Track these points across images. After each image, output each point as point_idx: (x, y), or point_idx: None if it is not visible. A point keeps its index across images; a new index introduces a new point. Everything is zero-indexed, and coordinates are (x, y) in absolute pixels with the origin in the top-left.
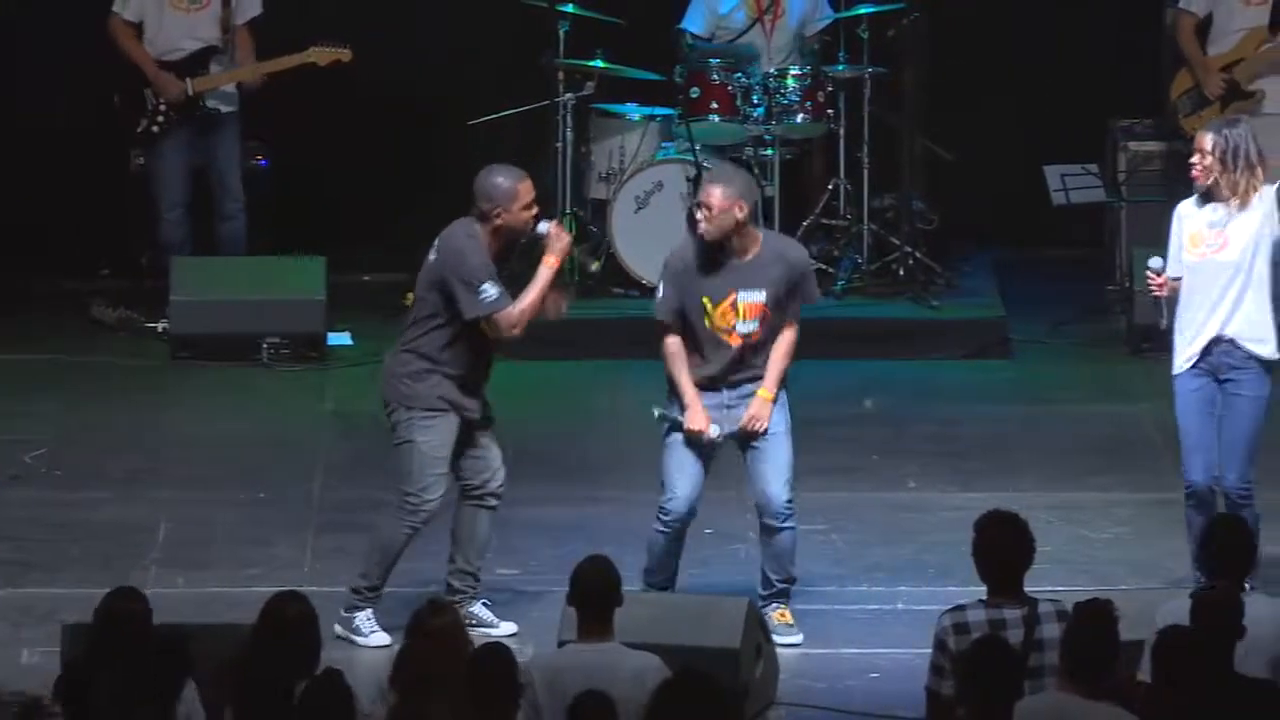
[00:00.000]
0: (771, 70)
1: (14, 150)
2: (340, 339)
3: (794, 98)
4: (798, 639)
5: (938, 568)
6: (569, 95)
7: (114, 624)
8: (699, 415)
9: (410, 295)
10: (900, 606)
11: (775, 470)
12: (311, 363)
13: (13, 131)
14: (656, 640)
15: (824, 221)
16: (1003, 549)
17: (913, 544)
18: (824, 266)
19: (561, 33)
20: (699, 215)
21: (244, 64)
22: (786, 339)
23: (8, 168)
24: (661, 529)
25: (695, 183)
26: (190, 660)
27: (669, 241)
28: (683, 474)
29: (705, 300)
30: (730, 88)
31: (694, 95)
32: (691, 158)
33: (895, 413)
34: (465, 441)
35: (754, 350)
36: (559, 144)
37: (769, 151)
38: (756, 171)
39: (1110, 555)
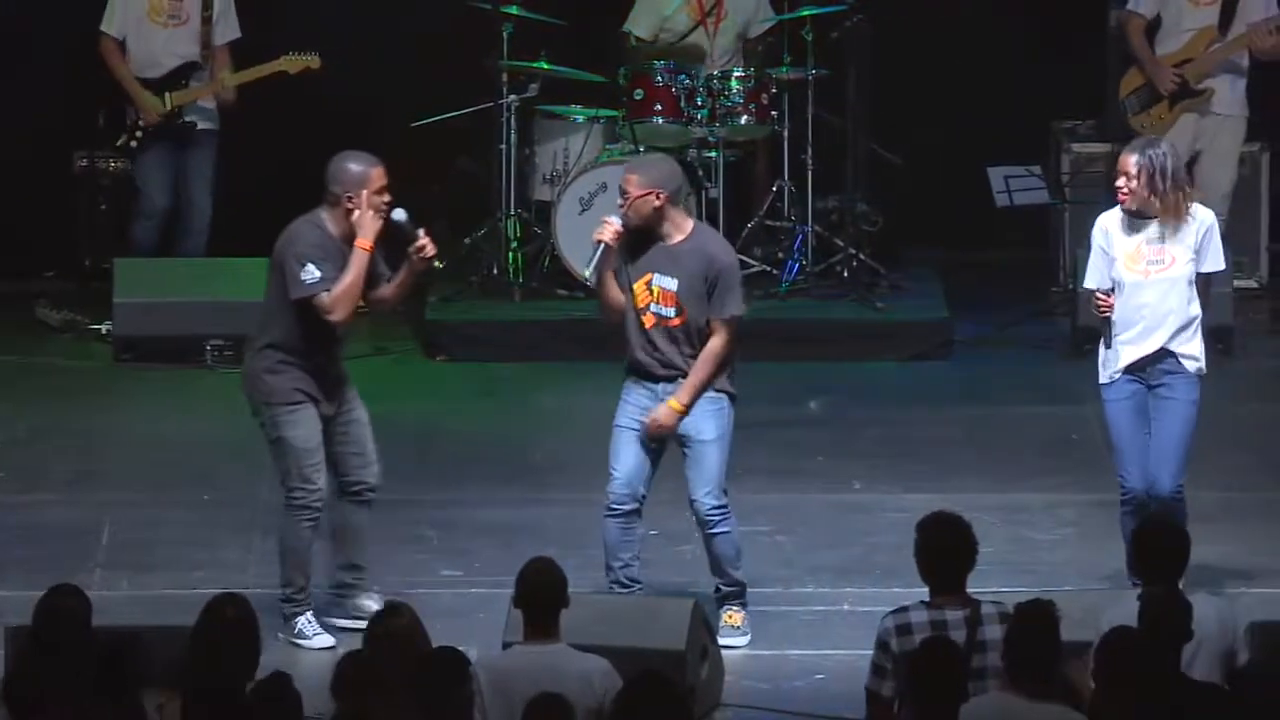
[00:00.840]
0: (715, 72)
1: None
2: None
3: (738, 99)
4: (741, 641)
5: (883, 569)
6: (513, 97)
7: (54, 621)
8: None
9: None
10: (846, 608)
11: (701, 477)
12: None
13: None
14: (603, 642)
15: (768, 223)
16: (945, 550)
17: (858, 545)
18: (768, 268)
19: (505, 34)
20: (619, 202)
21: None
22: (710, 347)
23: None
24: (606, 513)
25: None
26: (140, 664)
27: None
28: (622, 456)
29: (630, 277)
30: (674, 89)
31: (638, 97)
32: None
33: (840, 414)
34: (339, 436)
35: (673, 342)
36: (503, 145)
37: (713, 153)
38: (700, 173)
39: (1054, 556)
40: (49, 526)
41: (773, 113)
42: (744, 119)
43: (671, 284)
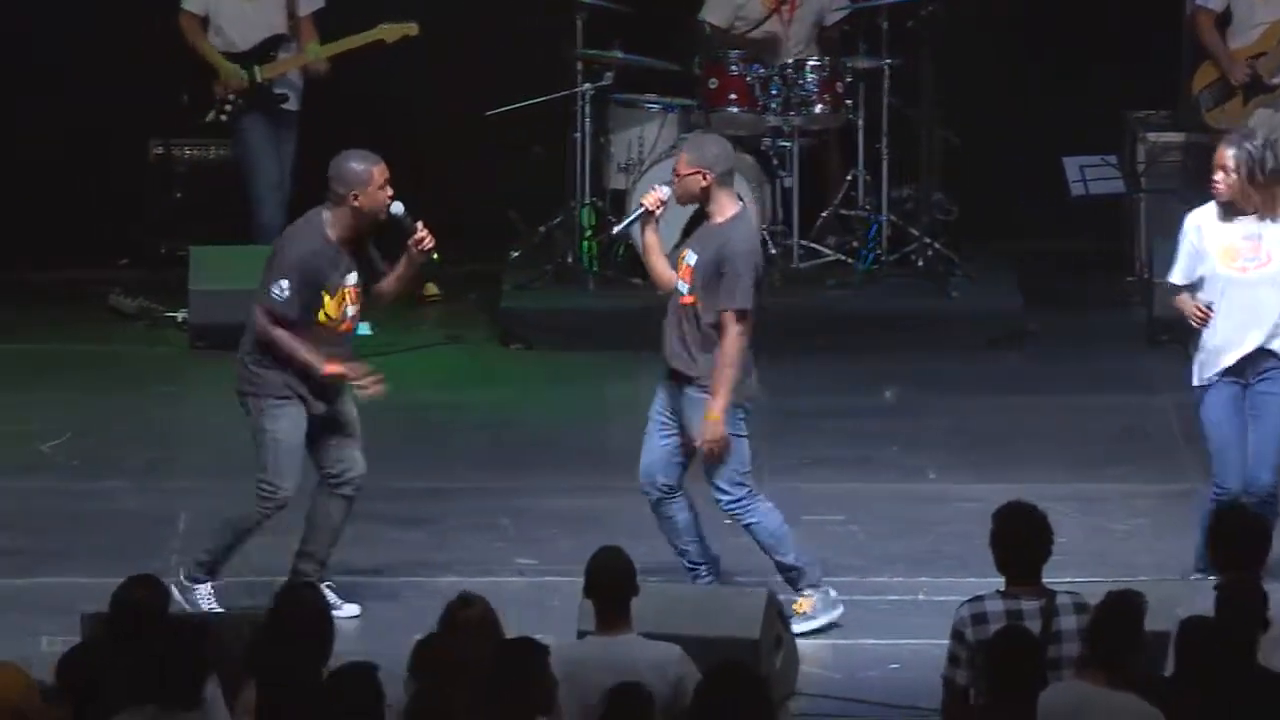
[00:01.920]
0: (790, 61)
1: (34, 140)
2: (359, 329)
3: (812, 88)
4: (807, 626)
5: (957, 559)
6: (588, 86)
7: (129, 611)
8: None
9: (431, 286)
10: (920, 597)
11: (711, 478)
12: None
13: (32, 120)
14: (676, 631)
15: (842, 212)
16: (1021, 540)
17: (932, 535)
18: (842, 258)
19: (580, 23)
20: (671, 179)
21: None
22: (722, 346)
23: (27, 157)
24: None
25: None
26: (211, 652)
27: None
28: (644, 447)
29: (676, 253)
30: (748, 78)
31: (712, 86)
32: None
33: (914, 404)
34: (325, 429)
35: (677, 322)
36: (577, 135)
37: (787, 143)
38: (774, 162)
39: (1128, 547)
40: (124, 514)
41: (847, 101)
42: (818, 108)
43: (692, 260)
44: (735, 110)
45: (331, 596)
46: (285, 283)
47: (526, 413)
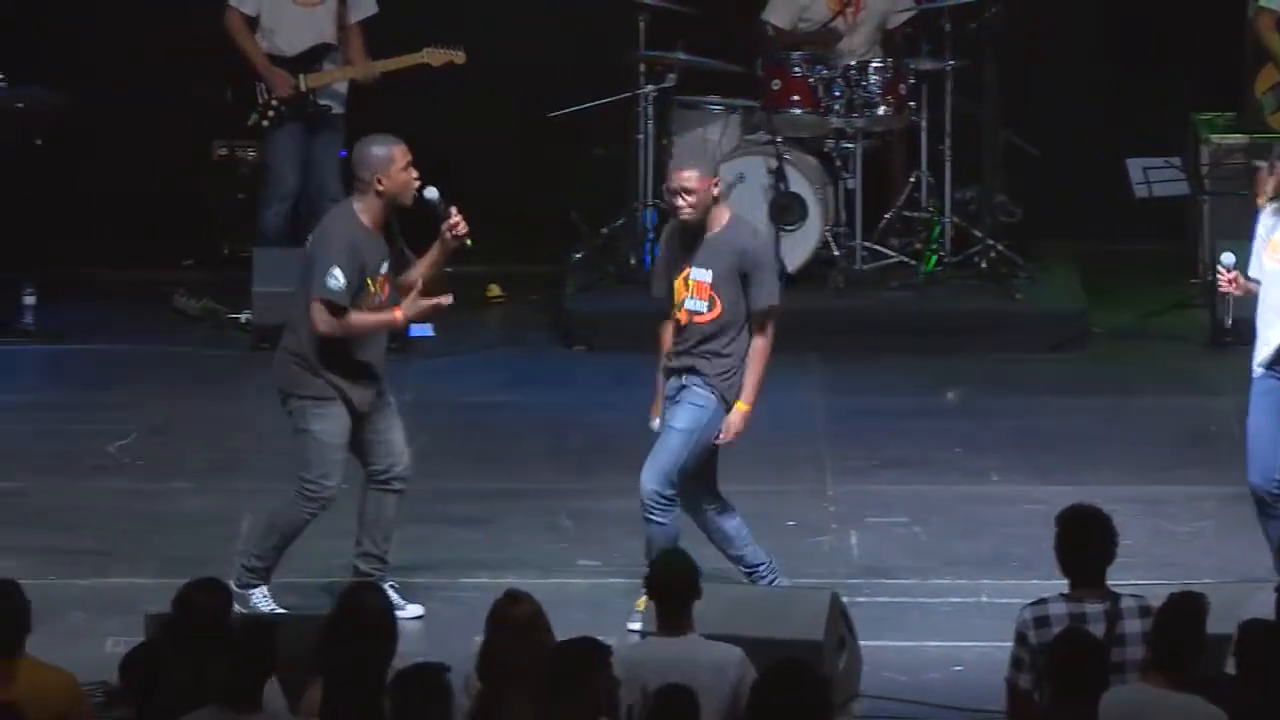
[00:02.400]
0: (853, 62)
1: (100, 141)
2: (422, 330)
3: (875, 90)
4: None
5: (1020, 561)
6: (650, 87)
7: (191, 613)
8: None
9: (494, 288)
10: (983, 600)
11: (654, 463)
12: (392, 354)
13: (99, 121)
14: (738, 632)
15: (905, 214)
16: (1085, 543)
17: (995, 537)
18: (905, 259)
19: (642, 25)
20: (679, 202)
21: (355, 61)
22: (755, 345)
23: (92, 159)
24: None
25: (777, 175)
26: (272, 653)
27: None
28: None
29: (673, 275)
30: (811, 80)
31: (775, 87)
32: (773, 150)
33: (977, 406)
34: (369, 425)
35: (699, 339)
36: (641, 136)
37: (850, 144)
38: (838, 164)
39: (1192, 549)
40: (187, 515)
41: (910, 103)
42: (881, 109)
43: (706, 275)
44: (798, 112)
45: (394, 596)
46: (338, 270)
47: (589, 414)
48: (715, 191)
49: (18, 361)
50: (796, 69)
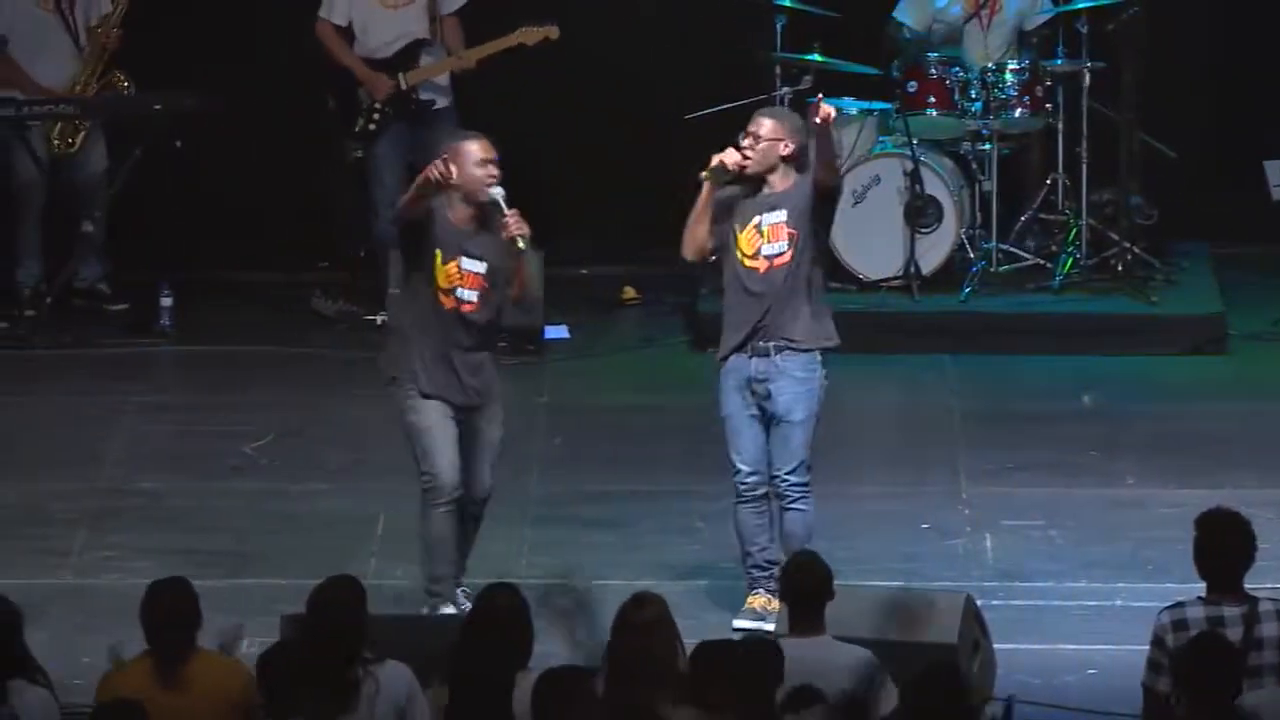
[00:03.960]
0: (989, 64)
1: (235, 144)
2: (557, 333)
3: (1012, 92)
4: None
5: (1156, 564)
6: (786, 89)
7: (327, 612)
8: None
9: (628, 290)
10: (1118, 603)
11: (787, 454)
12: (528, 356)
13: (234, 124)
14: (873, 635)
15: (1042, 216)
16: (1224, 547)
17: (1131, 541)
18: (1041, 262)
19: (778, 26)
20: (744, 142)
21: (453, 53)
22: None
23: (229, 161)
24: (741, 501)
25: (913, 177)
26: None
27: (887, 235)
28: (742, 442)
29: (735, 230)
30: (947, 82)
31: (911, 89)
32: (909, 152)
33: (1113, 409)
34: (460, 446)
35: (787, 293)
36: None
37: (986, 146)
38: (974, 166)
39: None
40: (323, 516)
41: (1047, 105)
42: (1018, 112)
43: (780, 216)
44: (934, 113)
45: (462, 599)
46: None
47: (712, 416)
48: (784, 151)
49: (155, 363)
50: (933, 71)
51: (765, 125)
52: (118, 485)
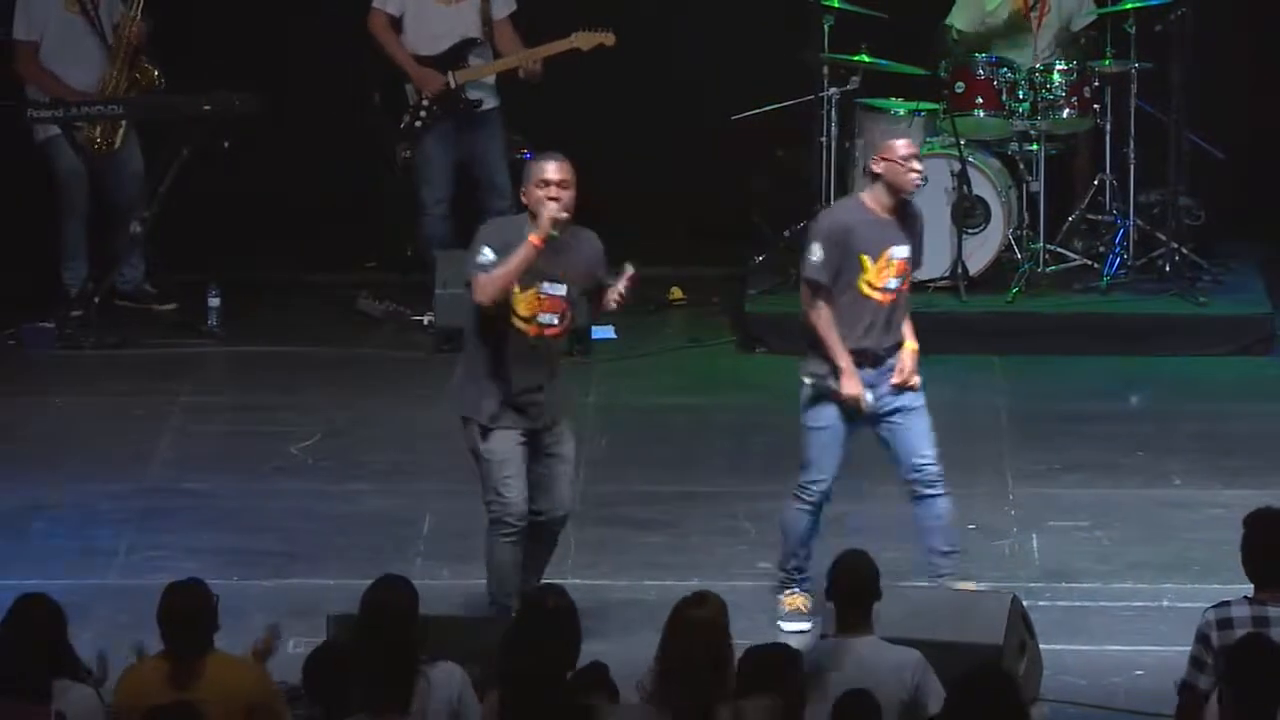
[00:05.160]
0: (1037, 65)
1: (282, 144)
2: (604, 333)
3: (1060, 93)
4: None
5: (1203, 565)
6: (833, 90)
7: (379, 613)
8: (855, 381)
9: (675, 290)
10: (1165, 604)
11: (923, 438)
12: (575, 356)
13: (280, 125)
14: (918, 635)
15: (1089, 217)
16: (1272, 546)
17: (1177, 541)
18: (1089, 262)
19: (826, 27)
20: (917, 167)
21: (506, 55)
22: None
23: (275, 162)
24: (806, 508)
25: (960, 177)
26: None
27: (934, 236)
28: (831, 452)
29: (863, 258)
30: (995, 83)
31: (959, 90)
32: (956, 153)
33: (1160, 409)
34: (536, 464)
35: (891, 315)
36: (823, 138)
37: (1034, 147)
38: (1021, 167)
39: None
40: (369, 516)
41: (1095, 106)
42: (1066, 112)
43: (905, 251)
44: (982, 114)
45: None
46: (486, 249)
47: (769, 417)
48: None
49: (203, 363)
50: (980, 71)
51: (913, 147)
52: (165, 485)
